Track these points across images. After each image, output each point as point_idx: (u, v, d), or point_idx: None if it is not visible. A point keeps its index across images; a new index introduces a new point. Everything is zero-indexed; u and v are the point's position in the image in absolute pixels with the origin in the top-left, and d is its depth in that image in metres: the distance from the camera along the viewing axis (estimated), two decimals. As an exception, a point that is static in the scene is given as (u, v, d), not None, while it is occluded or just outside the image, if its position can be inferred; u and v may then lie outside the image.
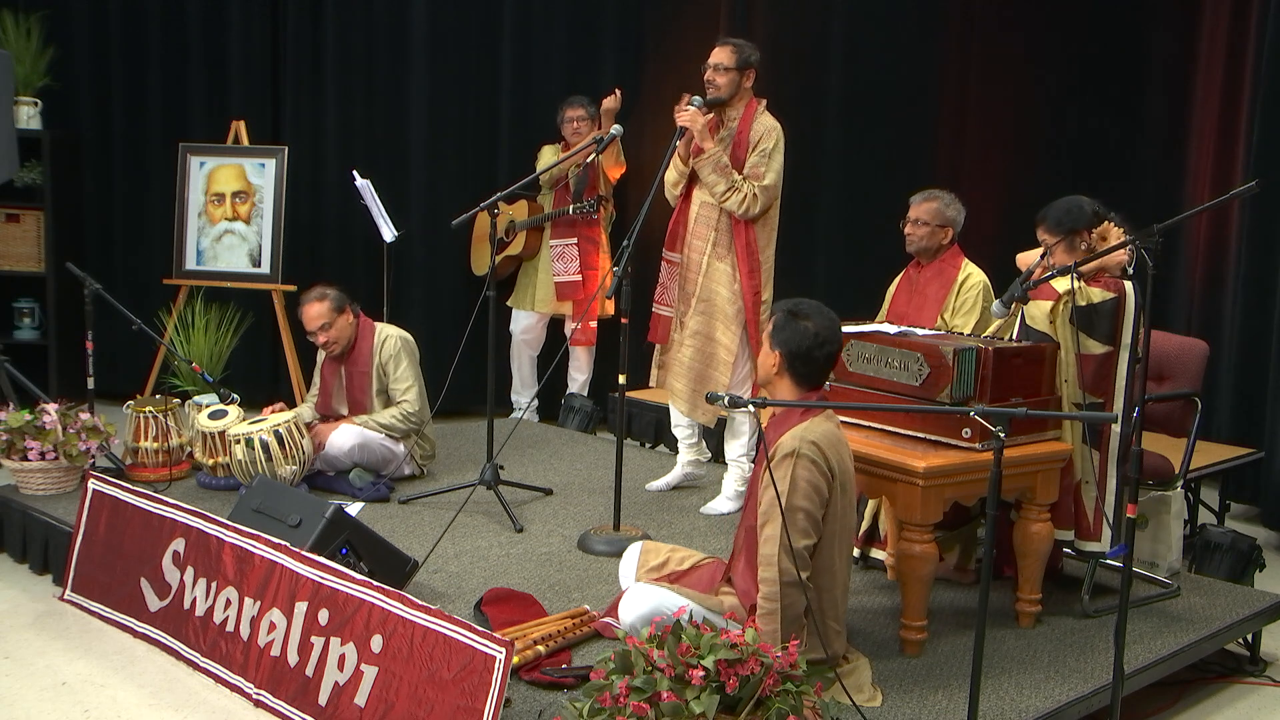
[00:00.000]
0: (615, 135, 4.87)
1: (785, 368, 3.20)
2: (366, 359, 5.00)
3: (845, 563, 3.22)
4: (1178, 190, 5.82)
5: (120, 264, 7.08)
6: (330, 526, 3.68)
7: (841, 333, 3.26)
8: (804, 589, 3.03)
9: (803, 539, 3.04)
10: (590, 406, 6.44)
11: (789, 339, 3.19)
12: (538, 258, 6.50)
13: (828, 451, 3.08)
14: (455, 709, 2.97)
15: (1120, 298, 3.71)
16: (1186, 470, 4.25)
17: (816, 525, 3.07)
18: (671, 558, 3.57)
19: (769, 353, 3.24)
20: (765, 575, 3.05)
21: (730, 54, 4.65)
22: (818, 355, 3.18)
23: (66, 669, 3.73)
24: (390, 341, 5.01)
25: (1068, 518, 3.80)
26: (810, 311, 3.22)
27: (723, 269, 4.69)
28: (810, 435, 3.07)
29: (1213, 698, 3.79)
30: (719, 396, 3.03)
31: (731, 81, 4.64)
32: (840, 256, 6.51)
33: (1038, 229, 3.91)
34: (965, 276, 4.34)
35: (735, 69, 4.65)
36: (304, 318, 4.98)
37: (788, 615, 3.02)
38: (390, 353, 4.99)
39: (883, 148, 6.43)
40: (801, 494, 3.04)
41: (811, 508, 3.05)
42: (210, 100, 6.96)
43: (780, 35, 6.68)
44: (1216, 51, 5.70)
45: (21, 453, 4.66)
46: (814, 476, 3.04)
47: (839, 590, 3.18)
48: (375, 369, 5.00)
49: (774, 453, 3.10)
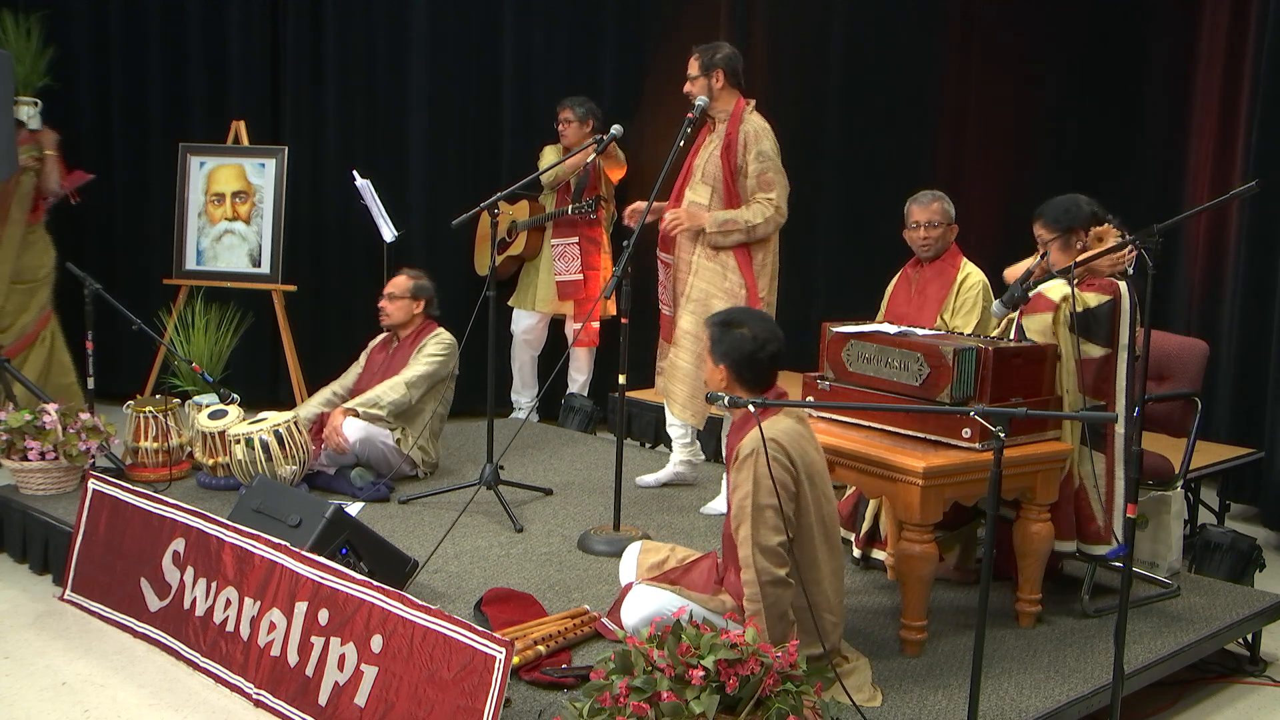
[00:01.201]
0: (615, 135, 4.87)
1: (734, 378, 3.23)
2: (410, 350, 5.12)
3: (832, 554, 3.22)
4: (1178, 190, 5.82)
5: (120, 264, 7.07)
6: (330, 526, 3.68)
7: (778, 330, 3.27)
8: (787, 584, 3.05)
9: (775, 535, 3.05)
10: (590, 406, 6.44)
11: (729, 349, 3.22)
12: (539, 258, 6.50)
13: (788, 446, 3.09)
14: (455, 709, 2.97)
15: (1115, 299, 3.71)
16: (1186, 470, 4.25)
17: (788, 520, 3.08)
18: (671, 556, 3.58)
19: (714, 369, 3.27)
20: (746, 577, 3.08)
21: (694, 62, 4.72)
22: (761, 358, 3.21)
23: (66, 669, 3.73)
24: (440, 336, 5.14)
25: (1069, 528, 3.77)
26: (743, 318, 3.26)
27: (712, 268, 4.70)
28: (769, 434, 3.09)
29: (1213, 698, 3.79)
30: (719, 397, 3.04)
31: (702, 87, 4.69)
32: (840, 256, 6.51)
33: (1034, 225, 3.90)
34: (965, 276, 4.34)
35: (701, 74, 4.70)
36: (392, 281, 5.24)
37: (774, 613, 3.04)
38: (434, 342, 5.11)
39: (882, 148, 6.43)
40: (766, 491, 3.05)
41: (778, 503, 3.06)
42: (210, 100, 6.96)
43: (780, 35, 6.69)
44: (1216, 51, 5.70)
45: (21, 453, 4.67)
46: (776, 472, 3.06)
47: (827, 583, 3.18)
48: (415, 353, 5.11)
49: (737, 455, 3.13)
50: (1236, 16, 5.61)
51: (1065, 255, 3.81)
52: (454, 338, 5.16)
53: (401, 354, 5.16)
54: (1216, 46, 5.70)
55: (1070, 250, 3.80)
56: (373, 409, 4.94)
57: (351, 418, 4.94)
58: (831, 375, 3.81)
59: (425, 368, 5.04)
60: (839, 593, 3.25)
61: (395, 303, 5.19)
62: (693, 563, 3.51)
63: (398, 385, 4.99)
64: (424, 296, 5.21)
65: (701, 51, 4.74)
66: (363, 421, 4.93)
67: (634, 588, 3.41)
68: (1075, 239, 3.82)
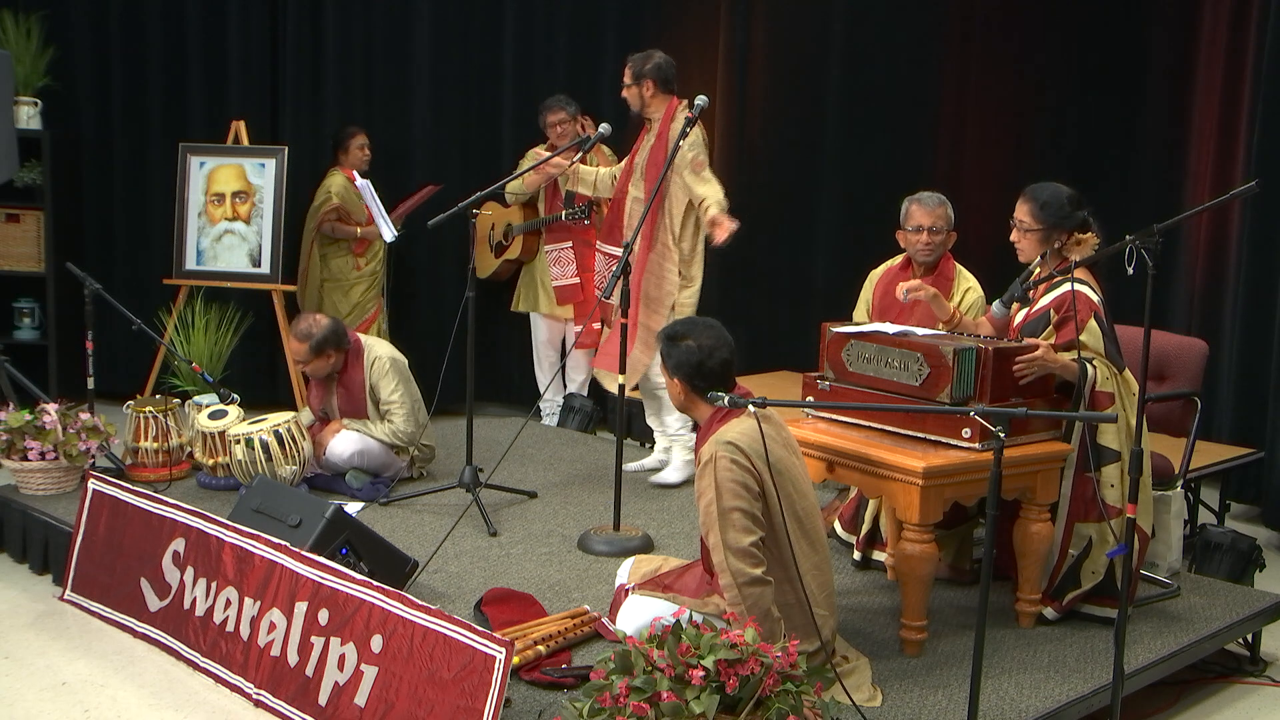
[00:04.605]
0: (602, 135, 4.89)
1: (689, 389, 3.27)
2: (360, 384, 4.99)
3: (813, 549, 3.22)
4: (1178, 190, 5.82)
5: (120, 264, 7.07)
6: (330, 526, 3.69)
7: (727, 336, 3.30)
8: (765, 583, 3.05)
9: (746, 536, 3.06)
10: (590, 406, 6.44)
11: (679, 362, 3.26)
12: (535, 261, 6.50)
13: (745, 447, 3.09)
14: (455, 709, 2.97)
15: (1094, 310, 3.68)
16: (1186, 470, 4.25)
17: (756, 520, 3.08)
18: (664, 565, 3.60)
19: (671, 382, 3.32)
20: (724, 582, 3.09)
21: (627, 71, 5.05)
22: (712, 365, 3.24)
23: (66, 669, 3.73)
24: (379, 363, 4.99)
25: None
26: (686, 330, 3.29)
27: (652, 259, 4.97)
28: (725, 437, 3.11)
29: (1213, 698, 3.79)
30: (719, 397, 3.05)
31: (634, 96, 5.05)
32: (840, 256, 6.51)
33: (1020, 203, 3.83)
34: (967, 288, 4.25)
35: (632, 83, 5.03)
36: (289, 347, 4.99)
37: (758, 612, 3.04)
38: (380, 373, 4.98)
39: (882, 148, 6.43)
40: (729, 494, 3.06)
41: (744, 504, 3.07)
42: (210, 100, 6.96)
43: (780, 35, 6.69)
44: (1216, 52, 5.70)
45: (21, 453, 4.67)
46: (736, 474, 3.07)
47: (810, 577, 3.18)
48: (367, 390, 5.00)
49: (699, 461, 3.16)
50: (1236, 17, 5.61)
51: (1037, 247, 3.79)
52: (389, 349, 5.08)
53: (352, 390, 4.99)
54: (1217, 46, 5.70)
55: (1047, 246, 3.78)
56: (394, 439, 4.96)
57: (344, 431, 4.93)
58: (831, 375, 3.81)
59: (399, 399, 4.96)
60: (824, 587, 3.24)
61: (312, 365, 4.92)
62: (685, 569, 3.51)
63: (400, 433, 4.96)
64: (329, 346, 4.89)
65: (633, 61, 5.05)
66: (355, 434, 4.93)
67: (629, 597, 3.42)
68: (1055, 238, 3.79)
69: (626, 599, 3.44)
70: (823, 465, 3.67)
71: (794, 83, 6.68)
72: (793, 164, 6.77)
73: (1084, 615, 3.77)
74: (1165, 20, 5.85)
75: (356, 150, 6.55)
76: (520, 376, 7.11)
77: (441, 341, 6.33)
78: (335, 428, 4.96)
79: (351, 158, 6.53)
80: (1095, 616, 3.74)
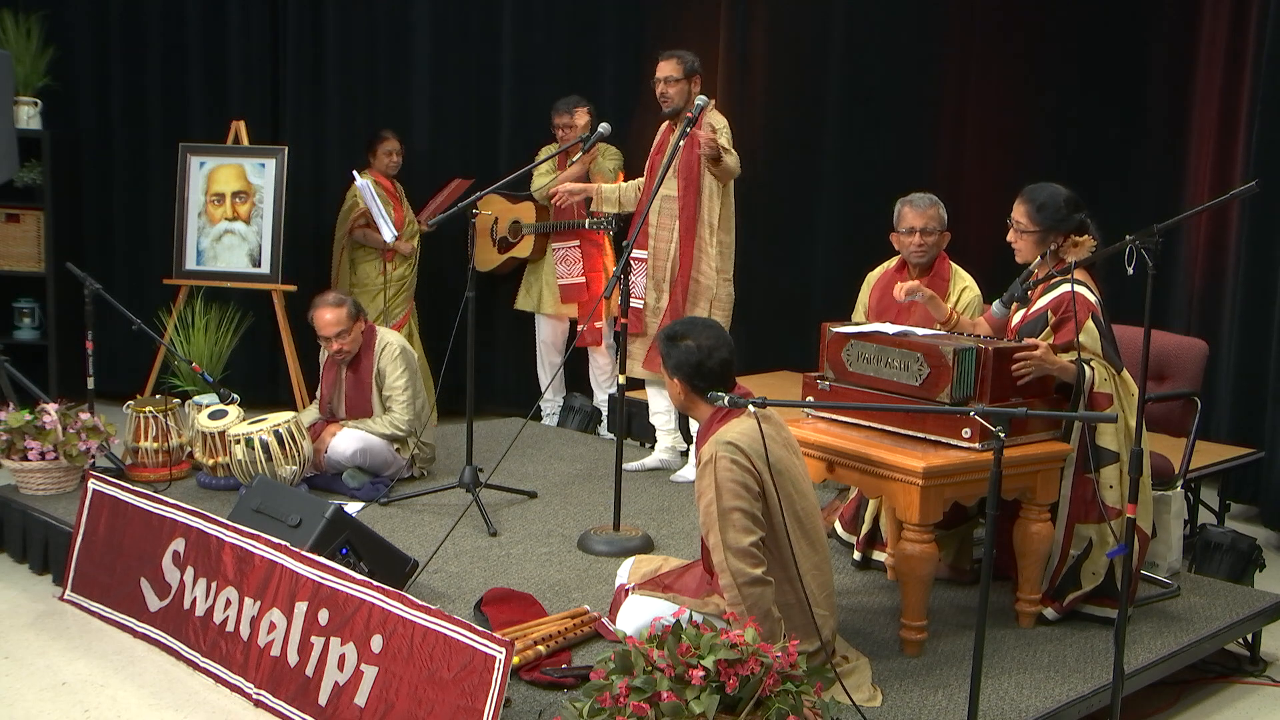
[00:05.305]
0: (602, 134, 4.88)
1: (690, 389, 3.28)
2: (369, 367, 5.01)
3: (813, 549, 3.22)
4: (1178, 190, 5.82)
5: (120, 264, 7.08)
6: (330, 526, 3.69)
7: (726, 336, 3.32)
8: (765, 583, 3.06)
9: (746, 536, 3.06)
10: (590, 406, 6.43)
11: (679, 362, 3.26)
12: (542, 259, 6.49)
13: (745, 447, 3.10)
14: (455, 709, 2.97)
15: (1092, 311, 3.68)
16: (1186, 470, 4.25)
17: (756, 520, 3.08)
18: (664, 565, 3.59)
19: (671, 383, 3.32)
20: (723, 582, 3.09)
21: (676, 66, 5.04)
22: (711, 365, 3.24)
23: (66, 669, 3.73)
24: (390, 348, 5.02)
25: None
26: (685, 330, 3.30)
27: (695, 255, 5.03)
28: (725, 437, 3.11)
29: (1213, 698, 3.79)
30: (719, 397, 3.05)
31: (681, 91, 5.03)
32: (840, 256, 6.51)
33: (1018, 204, 3.83)
34: (963, 288, 4.25)
35: (683, 78, 5.03)
36: (318, 323, 4.92)
37: (758, 612, 3.04)
38: (389, 358, 5.00)
39: (882, 148, 6.44)
40: (729, 494, 3.07)
41: (744, 504, 3.07)
42: (210, 100, 6.96)
43: (780, 35, 6.69)
44: (1216, 52, 5.71)
45: (21, 453, 4.67)
46: (736, 474, 3.07)
47: (810, 577, 3.18)
48: (375, 376, 5.00)
49: (699, 462, 3.16)
50: (1236, 17, 5.61)
51: (1034, 249, 3.80)
52: (400, 338, 5.11)
53: (360, 374, 5.02)
54: (1216, 47, 5.71)
55: (1042, 248, 3.78)
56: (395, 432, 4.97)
57: (345, 430, 4.94)
58: (831, 375, 3.81)
59: (402, 388, 4.98)
60: (824, 587, 3.25)
61: (344, 339, 4.92)
62: (685, 569, 3.51)
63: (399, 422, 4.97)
64: (360, 312, 5.02)
65: (682, 57, 5.06)
66: (357, 432, 4.93)
67: (629, 597, 3.42)
68: (1051, 240, 3.79)
69: (626, 599, 3.44)
70: (823, 465, 3.67)
71: (794, 83, 6.68)
72: (793, 164, 6.77)
73: (1084, 615, 3.77)
74: (1165, 21, 5.85)
75: (384, 156, 6.45)
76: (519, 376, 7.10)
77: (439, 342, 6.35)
78: (335, 429, 4.97)
79: (379, 163, 6.46)
80: (1095, 616, 3.75)
